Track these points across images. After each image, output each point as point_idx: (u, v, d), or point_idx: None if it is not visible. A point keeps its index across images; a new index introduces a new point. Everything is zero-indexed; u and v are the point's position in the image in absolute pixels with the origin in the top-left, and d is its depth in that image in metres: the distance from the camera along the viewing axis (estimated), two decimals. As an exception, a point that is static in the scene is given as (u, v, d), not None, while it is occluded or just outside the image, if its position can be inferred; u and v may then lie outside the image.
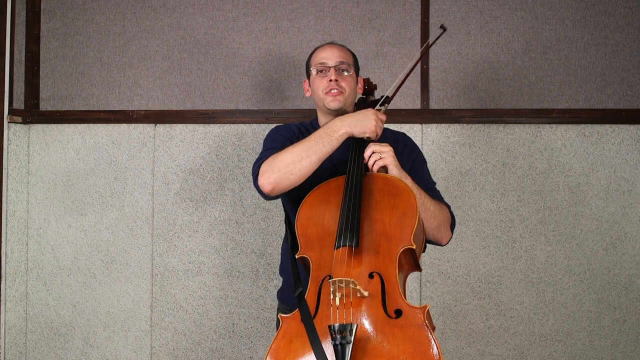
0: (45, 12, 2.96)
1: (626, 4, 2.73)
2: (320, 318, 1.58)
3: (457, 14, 2.79)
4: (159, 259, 2.87)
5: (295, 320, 1.61)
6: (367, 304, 1.56)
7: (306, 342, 1.54)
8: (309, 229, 1.74)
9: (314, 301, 1.62)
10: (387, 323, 1.53)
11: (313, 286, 1.65)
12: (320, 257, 1.69)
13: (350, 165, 1.79)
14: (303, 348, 1.54)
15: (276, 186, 1.77)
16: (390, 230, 1.69)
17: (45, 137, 2.95)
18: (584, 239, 2.70)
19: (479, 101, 2.77)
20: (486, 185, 2.73)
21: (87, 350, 2.91)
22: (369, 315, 1.55)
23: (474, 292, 2.73)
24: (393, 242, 1.67)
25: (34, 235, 2.95)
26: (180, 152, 2.86)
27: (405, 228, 1.68)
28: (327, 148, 1.76)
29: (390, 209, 1.73)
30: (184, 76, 2.89)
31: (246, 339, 2.82)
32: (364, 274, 1.62)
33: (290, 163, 1.75)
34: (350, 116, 1.82)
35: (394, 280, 1.60)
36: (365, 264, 1.64)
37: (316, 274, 1.67)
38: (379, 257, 1.65)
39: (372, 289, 1.59)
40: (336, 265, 1.63)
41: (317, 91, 1.96)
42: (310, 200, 1.79)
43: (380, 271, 1.62)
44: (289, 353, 1.55)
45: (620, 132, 2.71)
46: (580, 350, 2.69)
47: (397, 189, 1.76)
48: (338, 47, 1.99)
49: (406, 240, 1.66)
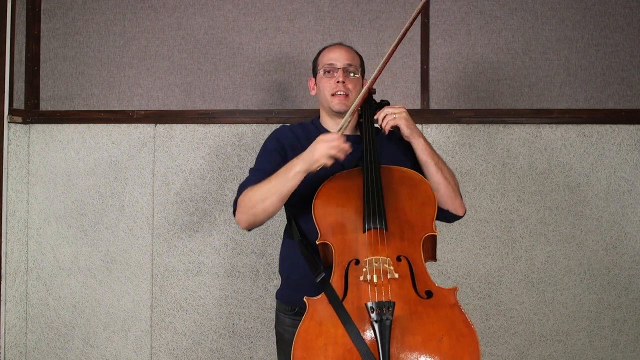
0: (45, 12, 2.96)
1: (626, 4, 2.73)
2: (350, 299, 1.59)
3: (457, 14, 2.79)
4: (159, 259, 2.87)
5: (322, 302, 1.61)
6: (399, 285, 1.59)
7: (337, 322, 1.55)
8: (328, 217, 1.76)
9: (342, 284, 1.63)
10: (420, 303, 1.57)
11: (338, 270, 1.66)
12: (342, 242, 1.71)
13: (366, 157, 1.82)
14: (335, 328, 1.55)
15: (249, 225, 1.85)
16: (412, 218, 1.73)
17: (46, 137, 2.95)
18: (584, 239, 2.71)
19: (479, 101, 2.77)
20: (486, 185, 2.73)
21: (87, 350, 2.91)
22: (402, 295, 1.57)
23: (474, 292, 2.73)
24: (416, 229, 1.71)
25: (34, 235, 2.95)
26: (180, 152, 2.86)
27: (426, 216, 1.73)
28: (287, 187, 1.76)
29: (409, 198, 1.77)
30: (184, 76, 2.89)
31: (246, 339, 2.82)
32: (393, 257, 1.65)
33: (255, 204, 1.80)
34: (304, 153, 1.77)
35: (421, 264, 1.65)
36: (392, 248, 1.67)
37: (340, 259, 1.68)
38: (404, 243, 1.68)
39: (401, 271, 1.62)
40: (365, 247, 1.66)
41: (323, 92, 1.97)
42: (326, 189, 1.81)
43: (407, 255, 1.66)
44: (320, 334, 1.56)
45: (620, 132, 2.71)
46: (580, 350, 2.69)
47: (414, 181, 1.81)
48: (346, 48, 2.00)
49: (428, 227, 1.72)
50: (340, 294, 1.61)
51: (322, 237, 1.73)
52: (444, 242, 2.72)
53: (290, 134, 2.02)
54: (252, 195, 1.82)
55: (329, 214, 1.76)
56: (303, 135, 2.01)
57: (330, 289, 1.63)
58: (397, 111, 1.86)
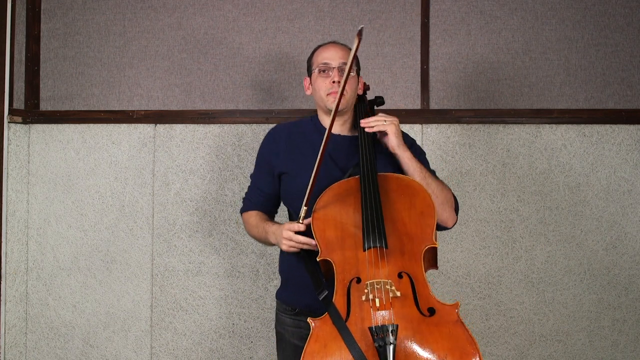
0: (45, 12, 2.96)
1: (626, 4, 2.73)
2: (354, 320, 1.58)
3: (457, 14, 2.79)
4: (159, 259, 2.87)
5: (326, 323, 1.60)
6: (401, 303, 1.58)
7: (342, 345, 1.54)
8: (328, 232, 1.73)
9: (344, 304, 1.62)
10: (423, 321, 1.55)
11: (340, 289, 1.65)
12: (343, 259, 1.68)
13: (363, 166, 1.80)
14: (340, 351, 1.54)
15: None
16: (411, 229, 1.70)
17: (45, 137, 2.94)
18: (584, 239, 2.71)
19: (479, 101, 2.77)
20: (486, 185, 2.73)
21: (87, 350, 2.91)
22: (404, 315, 1.56)
23: (474, 292, 2.73)
24: (416, 241, 1.68)
25: (34, 235, 2.95)
26: (180, 152, 2.86)
27: (425, 227, 1.70)
28: (268, 244, 1.98)
29: (408, 208, 1.74)
30: (184, 76, 2.89)
31: (246, 339, 2.82)
32: (394, 274, 1.63)
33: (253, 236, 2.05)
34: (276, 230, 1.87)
35: (422, 278, 1.62)
36: (393, 265, 1.64)
37: (342, 277, 1.66)
38: (404, 257, 1.66)
39: (402, 289, 1.60)
40: (366, 267, 1.63)
41: (318, 91, 1.95)
42: (324, 203, 1.78)
43: (409, 271, 1.64)
44: (325, 357, 1.55)
45: (620, 132, 2.71)
46: (580, 350, 2.69)
47: (412, 189, 1.78)
48: (341, 47, 1.98)
49: (428, 239, 1.68)
50: (344, 314, 1.60)
51: (323, 254, 1.71)
52: (444, 242, 2.72)
53: (285, 133, 2.03)
54: (247, 228, 2.07)
55: (328, 230, 1.73)
56: (298, 131, 2.02)
57: (334, 308, 1.61)
58: (389, 119, 1.84)
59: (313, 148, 1.93)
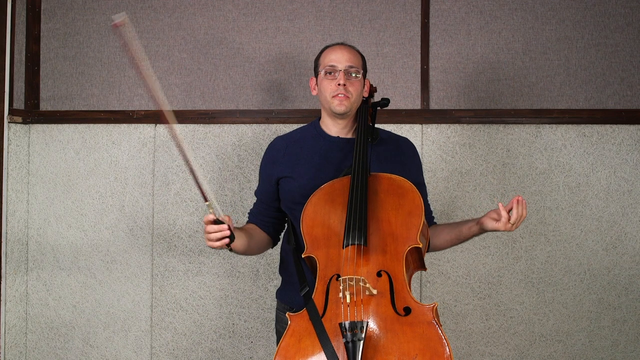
0: (45, 12, 2.96)
1: (626, 4, 2.73)
2: (329, 317, 1.59)
3: (457, 14, 2.79)
4: (159, 259, 2.87)
5: (303, 318, 1.61)
6: (376, 302, 1.58)
7: (315, 340, 1.55)
8: (315, 229, 1.75)
9: (322, 300, 1.63)
10: (397, 320, 1.55)
11: (320, 285, 1.66)
12: (327, 256, 1.70)
13: (355, 166, 1.80)
14: (313, 347, 1.55)
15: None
16: (396, 229, 1.71)
17: (45, 137, 2.94)
18: (584, 239, 2.71)
19: (479, 101, 2.77)
20: (486, 185, 2.73)
21: (87, 350, 2.91)
22: (379, 313, 1.56)
23: (474, 292, 2.73)
24: (400, 241, 1.69)
25: (34, 235, 2.95)
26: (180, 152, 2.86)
27: (411, 227, 1.70)
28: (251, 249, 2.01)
29: (395, 208, 1.75)
30: (184, 76, 2.89)
31: (246, 339, 2.82)
32: (372, 273, 1.63)
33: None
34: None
35: (402, 278, 1.62)
36: (373, 263, 1.65)
37: (323, 273, 1.68)
38: (386, 256, 1.66)
39: (380, 287, 1.60)
40: (344, 263, 1.64)
41: (324, 93, 1.95)
42: (315, 201, 1.80)
43: (388, 270, 1.64)
44: (299, 351, 1.56)
45: (620, 132, 2.71)
46: (580, 350, 2.69)
47: (402, 189, 1.78)
48: (348, 49, 1.98)
49: (412, 240, 1.69)
50: (321, 310, 1.61)
51: (307, 251, 1.73)
52: (444, 242, 2.72)
53: (283, 144, 2.04)
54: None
55: (315, 227, 1.76)
56: (297, 138, 2.03)
57: (312, 304, 1.62)
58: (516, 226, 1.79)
59: (312, 152, 1.95)
